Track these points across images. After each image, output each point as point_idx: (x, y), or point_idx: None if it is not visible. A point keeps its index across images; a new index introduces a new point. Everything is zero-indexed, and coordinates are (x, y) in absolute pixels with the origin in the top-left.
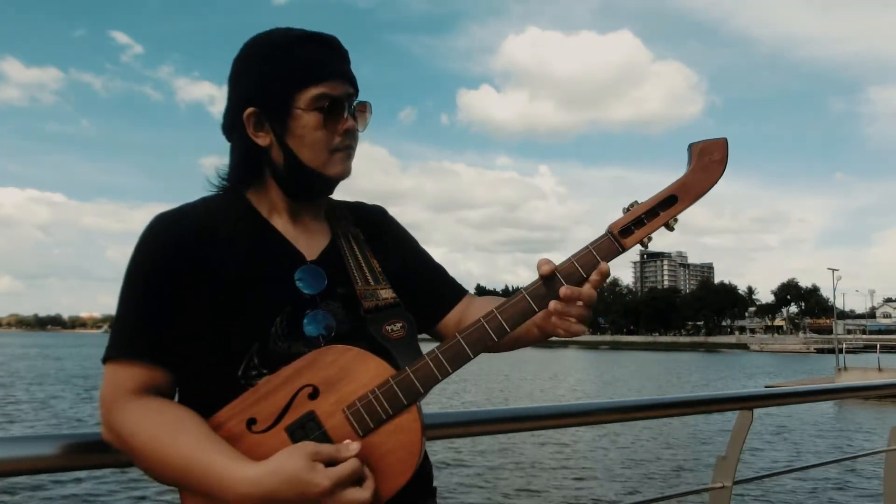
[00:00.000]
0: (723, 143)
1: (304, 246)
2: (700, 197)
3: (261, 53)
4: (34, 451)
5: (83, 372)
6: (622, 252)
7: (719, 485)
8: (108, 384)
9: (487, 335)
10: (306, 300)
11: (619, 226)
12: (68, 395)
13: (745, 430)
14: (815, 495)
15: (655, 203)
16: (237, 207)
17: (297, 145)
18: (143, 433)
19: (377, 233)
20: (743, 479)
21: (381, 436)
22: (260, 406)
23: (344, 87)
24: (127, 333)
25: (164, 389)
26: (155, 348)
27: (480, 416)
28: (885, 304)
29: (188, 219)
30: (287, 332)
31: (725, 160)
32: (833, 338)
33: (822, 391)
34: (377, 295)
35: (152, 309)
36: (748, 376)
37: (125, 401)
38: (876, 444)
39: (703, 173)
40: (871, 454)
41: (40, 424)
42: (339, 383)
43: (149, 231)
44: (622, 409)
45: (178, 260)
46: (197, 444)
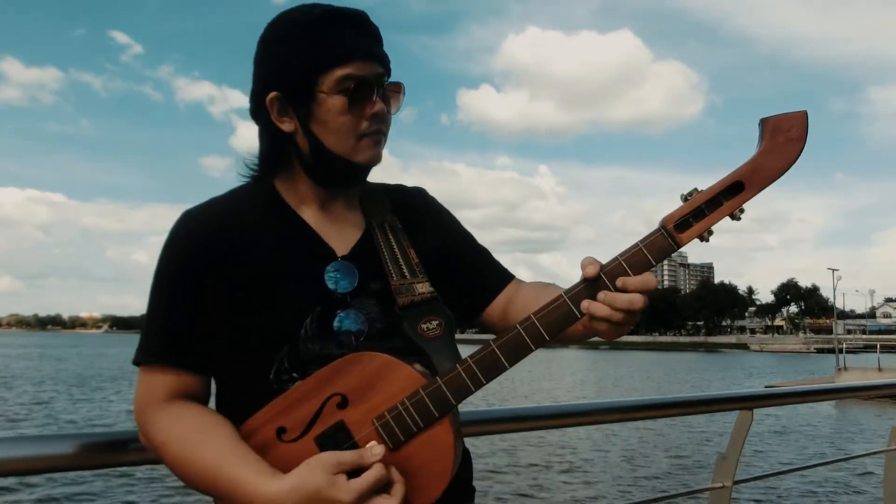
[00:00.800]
0: (802, 118)
1: (336, 240)
2: (772, 181)
3: (282, 34)
4: (48, 450)
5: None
6: (677, 249)
7: (719, 485)
8: (141, 390)
9: (525, 344)
10: (337, 299)
11: (674, 218)
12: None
13: (745, 430)
14: (815, 495)
15: (718, 190)
16: (265, 198)
17: (322, 131)
18: (173, 442)
19: (415, 217)
20: (743, 479)
21: (413, 449)
22: (290, 414)
23: (372, 66)
24: (156, 337)
25: (197, 394)
26: (185, 353)
27: (480, 416)
28: (885, 304)
29: (214, 215)
30: (318, 334)
31: (804, 138)
32: (833, 338)
33: (822, 391)
34: (413, 289)
35: (181, 312)
36: (748, 376)
37: (157, 408)
38: (876, 444)
39: (777, 154)
40: (871, 454)
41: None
42: (369, 392)
43: (175, 230)
44: (622, 409)
45: (205, 259)
46: (222, 456)
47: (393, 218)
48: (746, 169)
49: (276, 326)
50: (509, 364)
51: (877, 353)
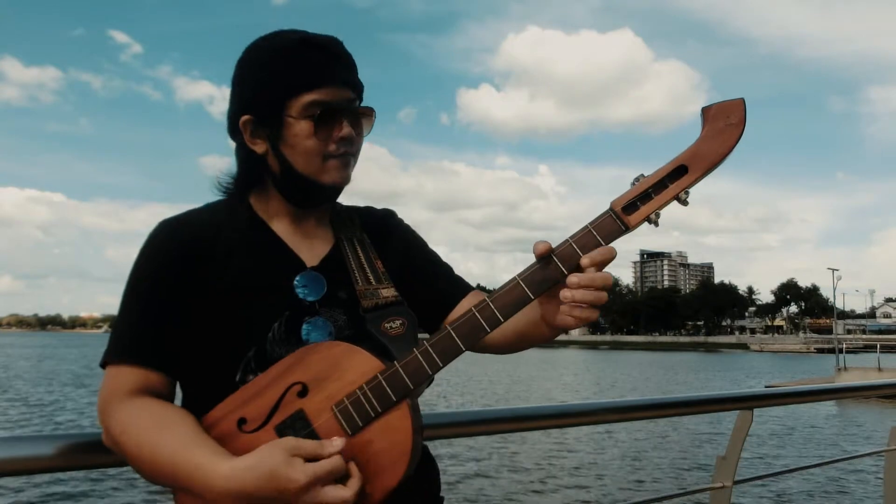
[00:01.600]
0: (739, 104)
1: (306, 252)
2: (715, 166)
3: (257, 59)
4: (32, 451)
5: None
6: (626, 231)
7: (719, 485)
8: (105, 387)
9: (479, 326)
10: (306, 307)
11: (622, 202)
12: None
13: (745, 430)
14: (815, 495)
15: (663, 175)
16: (239, 213)
17: (290, 153)
18: (132, 431)
19: (383, 235)
20: (743, 479)
21: (371, 434)
22: (250, 405)
23: (340, 92)
24: (124, 338)
25: (161, 393)
26: (151, 352)
27: (480, 415)
28: (885, 304)
29: (189, 226)
30: (285, 338)
31: (743, 123)
32: (833, 338)
33: (822, 391)
34: (377, 294)
35: (149, 314)
36: (748, 376)
37: (118, 402)
38: (876, 444)
39: (718, 139)
40: (871, 454)
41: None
42: (328, 380)
43: (151, 237)
44: (622, 409)
45: (178, 267)
46: (181, 441)
47: (362, 234)
48: (689, 153)
49: (245, 330)
50: (465, 346)
51: (877, 353)
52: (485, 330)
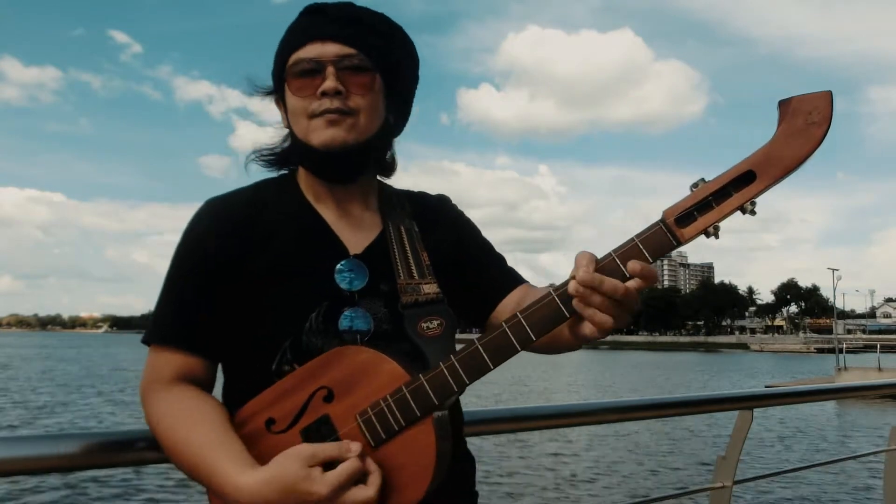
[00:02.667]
0: (825, 98)
1: (350, 238)
2: (789, 172)
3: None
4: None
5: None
6: (678, 245)
7: (719, 485)
8: (147, 369)
9: (510, 344)
10: (346, 297)
11: (676, 211)
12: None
13: (745, 430)
14: (816, 495)
15: (728, 181)
16: (285, 193)
17: (290, 118)
18: (165, 423)
19: (433, 223)
20: (743, 479)
21: (394, 448)
22: (279, 405)
23: (326, 47)
24: (165, 318)
25: (201, 378)
26: (192, 336)
27: (480, 415)
28: (885, 304)
29: (232, 204)
30: (323, 329)
31: (828, 121)
32: (833, 338)
33: (822, 391)
34: (418, 289)
35: (192, 296)
36: (748, 376)
37: (158, 388)
38: (876, 444)
39: (795, 140)
40: (871, 454)
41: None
42: (354, 387)
43: (194, 217)
44: (622, 409)
45: (221, 248)
46: (207, 442)
47: (410, 222)
48: (759, 156)
49: (283, 318)
50: (493, 364)
51: (877, 353)
52: (515, 349)
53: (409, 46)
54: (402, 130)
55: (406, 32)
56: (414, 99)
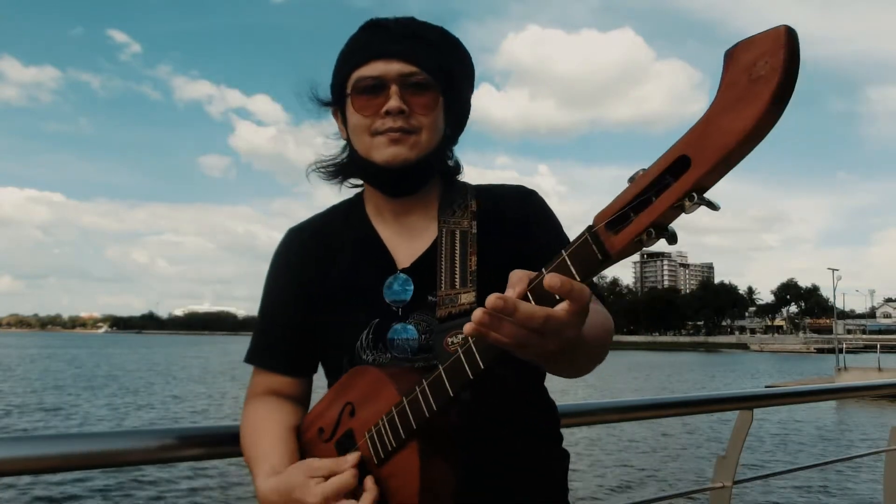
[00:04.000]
0: (777, 38)
1: (403, 251)
2: (732, 152)
3: (340, 52)
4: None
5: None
6: (608, 262)
7: (719, 485)
8: (249, 386)
9: (462, 370)
10: (393, 312)
11: (606, 215)
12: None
13: (745, 430)
14: (815, 495)
15: (660, 170)
16: (353, 211)
17: (352, 134)
18: (243, 430)
19: (498, 220)
20: (743, 479)
21: (392, 468)
22: (324, 417)
23: (389, 64)
24: (255, 342)
25: (288, 393)
26: (275, 358)
27: None
28: (885, 304)
29: (306, 230)
30: (373, 345)
31: (780, 72)
32: (833, 338)
33: (822, 391)
34: (455, 300)
35: (273, 322)
36: (748, 377)
37: (249, 402)
38: (876, 444)
39: (737, 103)
40: (871, 454)
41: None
42: (366, 405)
43: (278, 248)
44: (622, 409)
45: (292, 276)
46: (256, 449)
47: (470, 223)
48: (692, 134)
49: (341, 336)
50: (453, 391)
51: (877, 353)
52: (467, 375)
53: (466, 60)
54: (458, 139)
55: (463, 45)
56: (470, 108)
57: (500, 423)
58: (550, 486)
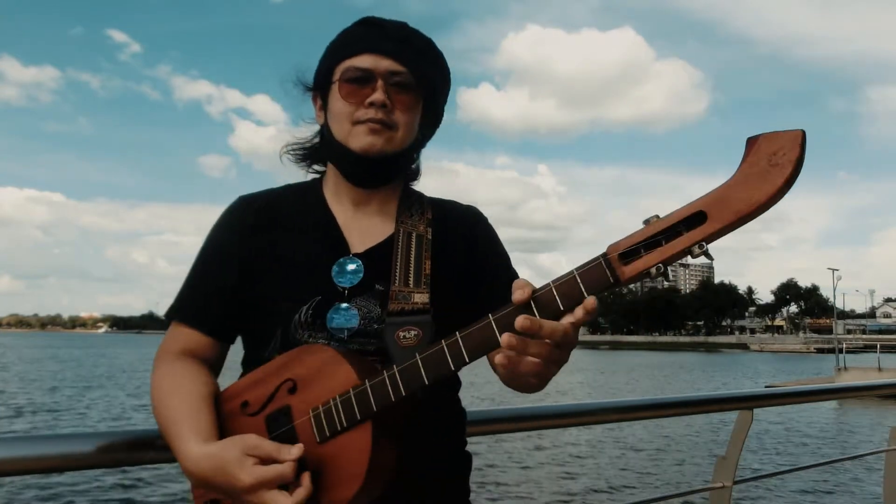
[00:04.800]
0: (796, 138)
1: (357, 238)
2: (743, 217)
3: (329, 42)
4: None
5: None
6: (616, 284)
7: (719, 485)
8: (162, 341)
9: (445, 362)
10: (339, 292)
11: (620, 247)
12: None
13: (745, 430)
14: (815, 495)
15: (677, 220)
16: (308, 193)
17: (331, 118)
18: (154, 391)
19: (451, 232)
20: (743, 479)
21: (335, 447)
22: (255, 390)
23: (379, 59)
24: (181, 298)
25: (207, 356)
26: (200, 314)
27: (480, 416)
28: (885, 304)
29: (259, 201)
30: (310, 322)
31: (794, 164)
32: (833, 338)
33: (822, 391)
34: (408, 298)
35: (206, 281)
36: (748, 377)
37: (164, 359)
38: (876, 444)
39: (755, 181)
40: (871, 454)
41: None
42: (313, 383)
43: (224, 212)
44: (622, 409)
45: (235, 240)
46: (179, 412)
47: (426, 229)
48: (714, 196)
49: (278, 309)
50: (428, 380)
51: (877, 353)
52: (449, 367)
53: (447, 73)
54: (426, 144)
55: (444, 59)
56: (442, 118)
57: (428, 426)
58: (461, 486)
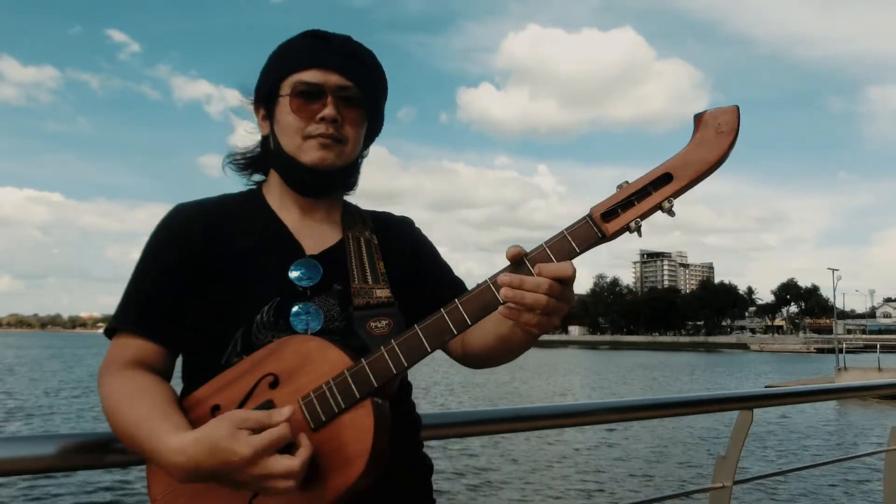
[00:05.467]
0: (733, 112)
1: (309, 241)
2: (702, 175)
3: (273, 53)
4: (33, 451)
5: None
6: (604, 240)
7: (719, 485)
8: (106, 355)
9: (447, 328)
10: (298, 293)
11: (601, 208)
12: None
13: (745, 430)
14: (815, 495)
15: (647, 182)
16: (250, 202)
17: (279, 131)
18: (111, 398)
19: (393, 239)
20: (743, 479)
21: (333, 430)
22: (225, 392)
23: (328, 75)
24: (125, 308)
25: (157, 367)
26: (149, 323)
27: (480, 416)
28: (885, 304)
29: (201, 208)
30: (273, 323)
31: (734, 132)
32: (833, 338)
33: (822, 391)
34: (371, 293)
35: (152, 288)
36: (748, 377)
37: (112, 370)
38: (876, 444)
39: (707, 146)
40: (871, 454)
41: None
42: (298, 373)
43: (163, 220)
44: (622, 409)
45: (184, 245)
46: (147, 413)
47: (371, 234)
48: (676, 161)
49: (236, 312)
50: (431, 348)
51: (877, 353)
52: (451, 332)
53: (386, 84)
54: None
55: (384, 73)
56: (381, 130)
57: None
58: (425, 486)
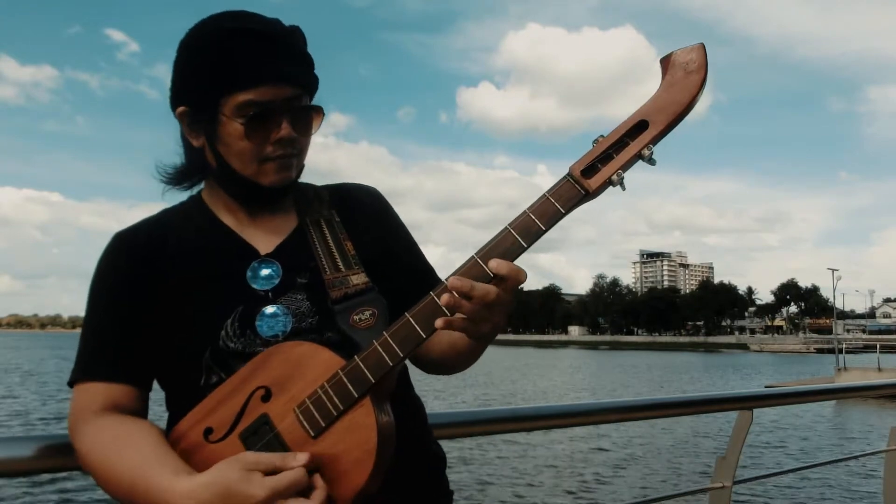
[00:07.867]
0: (699, 49)
1: (260, 240)
2: (678, 117)
3: (194, 46)
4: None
5: None
6: (587, 196)
7: (719, 485)
8: (73, 407)
9: (439, 309)
10: (260, 297)
11: (580, 165)
12: None
13: (745, 430)
14: (815, 495)
15: (623, 132)
16: (191, 211)
17: (226, 152)
18: (96, 451)
19: (357, 213)
20: (743, 479)
21: (335, 435)
22: (216, 414)
23: (280, 90)
24: (85, 355)
25: (129, 408)
26: (113, 366)
27: (480, 415)
28: (885, 304)
29: (141, 231)
30: (240, 333)
31: (704, 69)
32: (833, 338)
33: (822, 391)
34: (347, 282)
35: (109, 328)
36: (747, 378)
37: (84, 421)
38: (876, 444)
39: (677, 87)
40: (871, 454)
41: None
42: (290, 381)
43: (105, 251)
44: (622, 409)
45: (131, 275)
46: (142, 459)
47: (330, 213)
48: (648, 106)
49: (200, 329)
50: (425, 334)
51: (877, 353)
52: (444, 312)
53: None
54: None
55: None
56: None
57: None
58: (437, 478)
